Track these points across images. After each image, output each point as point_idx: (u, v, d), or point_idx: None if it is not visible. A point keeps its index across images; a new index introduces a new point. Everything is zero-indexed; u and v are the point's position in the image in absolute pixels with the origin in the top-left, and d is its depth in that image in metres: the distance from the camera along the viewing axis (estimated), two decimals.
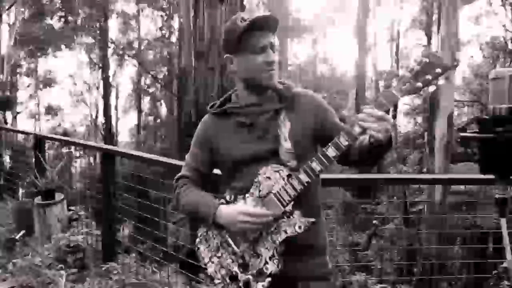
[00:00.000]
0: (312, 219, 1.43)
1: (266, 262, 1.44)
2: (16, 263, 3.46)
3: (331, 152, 1.38)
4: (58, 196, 4.46)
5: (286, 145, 1.47)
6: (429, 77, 1.32)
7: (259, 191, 1.46)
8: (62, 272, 3.31)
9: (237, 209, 1.45)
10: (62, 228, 4.28)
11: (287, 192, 1.42)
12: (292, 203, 1.43)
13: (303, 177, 1.40)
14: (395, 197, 11.61)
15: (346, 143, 1.36)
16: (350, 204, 11.97)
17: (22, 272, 3.33)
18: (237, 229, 1.46)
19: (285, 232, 1.43)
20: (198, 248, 1.58)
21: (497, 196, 1.61)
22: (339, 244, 8.75)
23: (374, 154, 1.44)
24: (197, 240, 1.59)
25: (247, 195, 1.49)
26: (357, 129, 1.35)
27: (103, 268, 3.47)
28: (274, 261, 1.44)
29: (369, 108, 1.34)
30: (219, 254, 1.53)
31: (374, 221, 9.51)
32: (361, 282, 4.43)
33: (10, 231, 4.67)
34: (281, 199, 1.43)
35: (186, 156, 1.68)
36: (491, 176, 1.60)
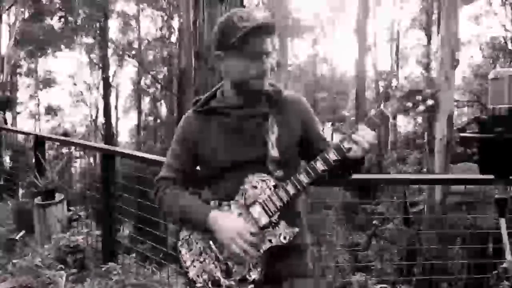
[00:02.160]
0: (297, 229, 1.44)
1: (250, 270, 1.44)
2: (16, 263, 3.46)
3: (319, 166, 1.39)
4: (58, 196, 4.46)
5: (274, 153, 1.45)
6: (419, 97, 1.35)
7: (245, 199, 1.45)
8: (62, 272, 3.31)
9: (235, 227, 1.41)
10: (62, 228, 4.28)
11: (273, 203, 1.42)
12: (278, 213, 1.43)
13: (290, 188, 1.41)
14: (395, 197, 11.61)
15: (335, 158, 1.38)
16: (350, 204, 11.97)
17: (22, 272, 3.32)
18: (224, 243, 1.43)
19: (270, 241, 1.43)
20: (180, 251, 1.54)
21: (497, 196, 1.61)
22: (339, 244, 8.74)
23: (347, 169, 1.47)
24: (179, 243, 1.55)
25: (232, 202, 1.47)
26: (346, 145, 1.37)
27: (103, 268, 3.47)
28: (258, 269, 1.44)
29: (363, 127, 1.37)
30: (202, 259, 1.50)
31: (374, 221, 9.50)
32: (361, 282, 4.43)
33: (10, 231, 4.66)
34: (267, 209, 1.42)
35: (167, 155, 1.61)
36: (491, 176, 1.61)
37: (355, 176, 1.57)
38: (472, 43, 18.95)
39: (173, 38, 21.42)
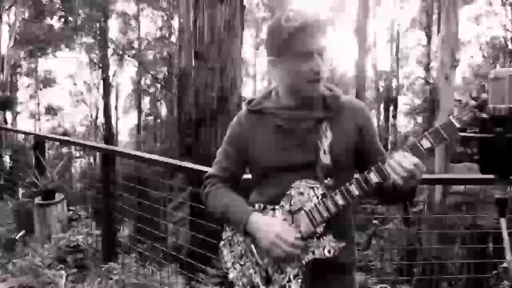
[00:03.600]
0: (343, 244, 1.35)
1: (290, 280, 1.37)
2: (16, 263, 3.46)
3: (373, 177, 1.28)
4: (58, 196, 4.46)
5: (325, 159, 1.37)
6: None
7: (290, 205, 1.38)
8: (62, 272, 3.32)
9: (273, 228, 1.35)
10: (62, 228, 4.29)
11: (319, 213, 1.33)
12: (324, 224, 1.35)
13: (339, 199, 1.32)
14: None
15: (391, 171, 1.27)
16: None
17: (22, 272, 3.33)
18: (263, 246, 1.37)
19: (313, 253, 1.36)
20: (222, 251, 1.52)
21: (497, 196, 1.61)
22: None
23: (392, 197, 1.41)
24: (222, 243, 1.53)
25: (276, 206, 1.41)
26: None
27: (103, 268, 3.47)
28: (298, 280, 1.36)
29: (402, 153, 1.24)
30: (242, 262, 1.46)
31: (374, 221, 9.50)
32: (361, 282, 4.43)
33: (10, 231, 4.67)
34: (313, 219, 1.34)
35: (217, 153, 1.57)
36: (491, 176, 1.60)
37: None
38: (472, 43, 18.96)
39: (173, 38, 21.40)
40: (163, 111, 24.33)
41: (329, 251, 1.34)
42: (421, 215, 9.73)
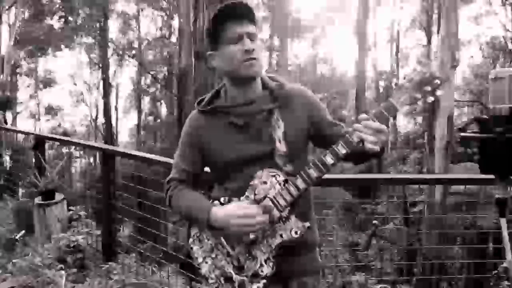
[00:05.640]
0: (307, 224, 1.43)
1: (261, 265, 1.44)
2: (16, 263, 3.46)
3: (328, 159, 1.37)
4: (58, 196, 4.46)
5: (281, 147, 1.45)
6: (427, 88, 1.32)
7: (255, 194, 1.44)
8: (62, 272, 3.31)
9: (233, 213, 1.41)
10: (62, 228, 4.28)
11: (283, 198, 1.41)
12: (288, 208, 1.42)
13: (300, 183, 1.40)
14: (395, 197, 11.60)
15: (344, 151, 1.35)
16: (350, 204, 11.96)
17: (22, 272, 3.33)
18: (233, 232, 1.43)
19: (281, 236, 1.43)
20: (192, 248, 1.55)
21: (497, 196, 1.61)
22: (339, 244, 8.74)
23: (365, 159, 1.46)
24: (190, 240, 1.56)
25: (242, 198, 1.47)
26: (355, 139, 1.34)
27: (103, 268, 3.47)
28: (269, 264, 1.44)
29: (366, 118, 1.33)
30: (213, 255, 1.51)
31: (374, 221, 9.50)
32: (361, 282, 4.43)
33: (10, 231, 4.67)
34: (277, 204, 1.42)
35: (175, 156, 1.62)
36: (491, 176, 1.60)
37: (355, 176, 1.57)
38: (472, 43, 18.97)
39: (173, 38, 21.40)
40: (163, 111, 24.33)
41: (296, 232, 1.43)
42: (421, 215, 9.73)
